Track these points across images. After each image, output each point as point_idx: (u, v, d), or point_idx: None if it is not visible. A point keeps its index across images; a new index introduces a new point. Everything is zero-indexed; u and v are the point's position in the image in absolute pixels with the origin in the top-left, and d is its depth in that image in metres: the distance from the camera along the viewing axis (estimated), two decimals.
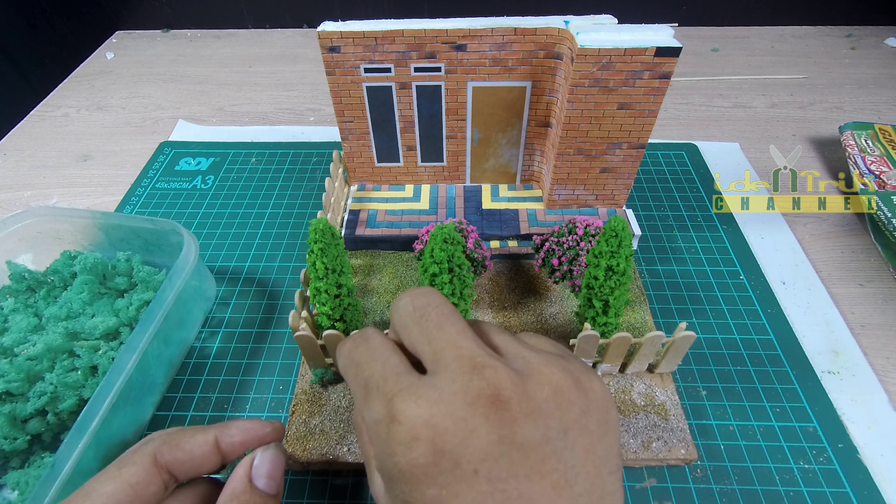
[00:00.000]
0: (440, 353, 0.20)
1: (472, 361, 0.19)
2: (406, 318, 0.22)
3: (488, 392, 0.18)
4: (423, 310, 0.21)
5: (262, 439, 0.25)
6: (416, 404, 0.18)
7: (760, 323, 0.42)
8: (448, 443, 0.17)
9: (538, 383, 0.19)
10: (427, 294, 0.22)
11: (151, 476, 0.22)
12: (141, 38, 0.87)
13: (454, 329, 0.20)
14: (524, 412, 0.17)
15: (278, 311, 0.44)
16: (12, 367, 0.34)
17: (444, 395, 0.18)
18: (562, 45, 0.39)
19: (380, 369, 0.20)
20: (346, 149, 0.48)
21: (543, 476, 0.17)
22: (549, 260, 0.40)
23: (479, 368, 0.18)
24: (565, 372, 0.19)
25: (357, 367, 0.21)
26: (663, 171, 0.57)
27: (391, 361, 0.21)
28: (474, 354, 0.19)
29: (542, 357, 0.20)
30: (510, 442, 0.17)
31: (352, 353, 0.22)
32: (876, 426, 0.36)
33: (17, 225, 0.42)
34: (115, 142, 0.64)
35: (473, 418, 0.17)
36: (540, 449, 0.17)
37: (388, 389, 0.19)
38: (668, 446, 0.34)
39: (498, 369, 0.18)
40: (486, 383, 0.18)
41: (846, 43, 0.80)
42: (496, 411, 0.17)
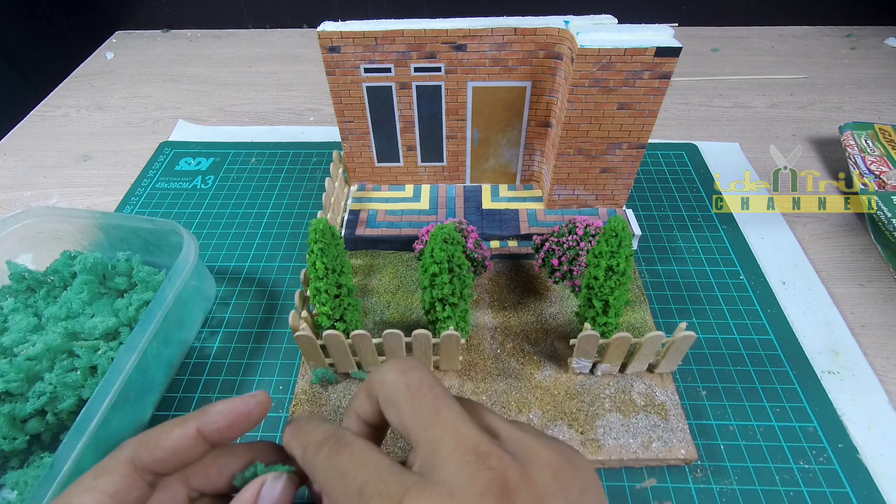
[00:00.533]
0: (439, 442, 0.19)
1: (475, 450, 0.18)
2: (397, 396, 0.21)
3: (497, 482, 0.17)
4: (416, 389, 0.21)
5: (248, 417, 0.23)
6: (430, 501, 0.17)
7: (760, 323, 0.42)
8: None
9: (539, 467, 0.19)
10: (417, 370, 0.22)
11: (131, 482, 0.21)
12: (141, 38, 0.87)
13: (451, 413, 0.20)
14: (532, 500, 0.18)
15: (278, 311, 0.44)
16: (12, 367, 0.34)
17: (454, 489, 0.17)
18: (562, 45, 0.39)
19: (373, 473, 0.19)
20: (346, 149, 0.48)
21: None
22: (549, 260, 0.40)
23: (483, 457, 0.18)
24: (559, 452, 0.20)
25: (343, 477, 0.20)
26: (663, 171, 0.57)
27: (383, 464, 0.19)
28: (476, 442, 0.19)
29: (535, 438, 0.20)
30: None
31: (332, 462, 0.20)
32: (876, 426, 0.36)
33: (17, 225, 0.42)
34: (115, 142, 0.64)
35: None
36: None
37: (393, 492, 0.18)
38: (668, 446, 0.34)
39: (503, 457, 0.18)
40: (493, 473, 0.18)
41: (846, 43, 0.80)
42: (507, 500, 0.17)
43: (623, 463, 0.34)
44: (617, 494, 0.33)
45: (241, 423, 0.23)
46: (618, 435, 0.34)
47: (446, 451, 0.19)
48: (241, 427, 0.24)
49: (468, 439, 0.19)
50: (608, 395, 0.36)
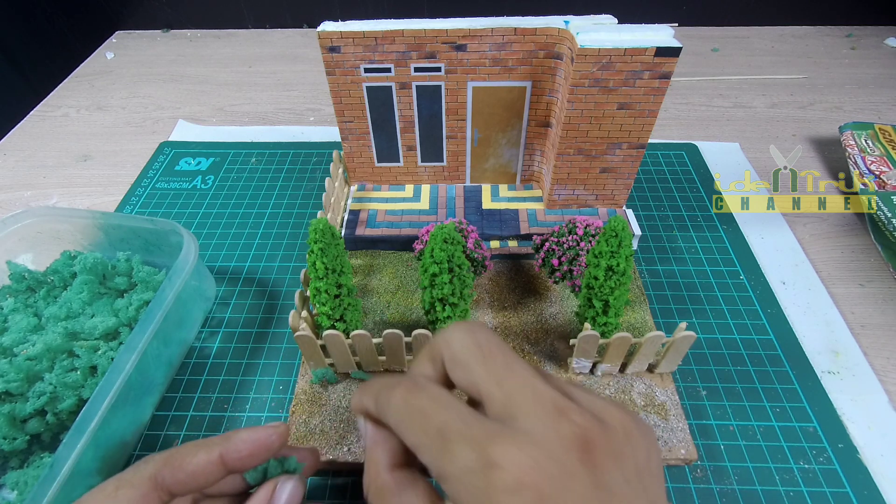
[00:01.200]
0: (514, 397, 0.19)
1: (554, 404, 0.18)
2: (466, 354, 0.21)
3: (581, 435, 0.18)
4: (486, 348, 0.21)
5: (269, 447, 0.24)
6: (517, 448, 0.17)
7: (760, 323, 0.42)
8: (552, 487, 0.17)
9: (615, 427, 0.19)
10: (486, 331, 0.22)
11: (149, 499, 0.22)
12: (141, 38, 0.87)
13: (525, 371, 0.20)
14: (609, 456, 0.18)
15: (278, 311, 0.44)
16: (12, 367, 0.34)
17: (539, 439, 0.17)
18: (562, 45, 0.39)
19: (455, 416, 0.19)
20: (346, 149, 0.48)
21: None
22: (549, 260, 0.40)
23: (564, 412, 0.18)
24: (628, 415, 0.20)
25: (423, 416, 0.19)
26: (663, 171, 0.57)
27: (463, 408, 0.19)
28: (555, 398, 0.19)
29: (604, 402, 0.20)
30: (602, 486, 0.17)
31: (411, 402, 0.20)
32: (876, 426, 0.36)
33: (17, 225, 0.42)
34: (115, 142, 0.64)
35: (571, 462, 0.17)
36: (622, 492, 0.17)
37: (477, 435, 0.18)
38: (668, 446, 0.34)
39: (584, 414, 0.18)
40: (576, 427, 0.18)
41: (846, 43, 0.80)
42: (588, 455, 0.17)
43: None
44: None
45: (261, 453, 0.24)
46: None
47: (526, 404, 0.19)
48: (260, 457, 0.24)
49: (546, 395, 0.19)
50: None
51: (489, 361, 0.20)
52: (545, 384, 0.19)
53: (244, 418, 0.37)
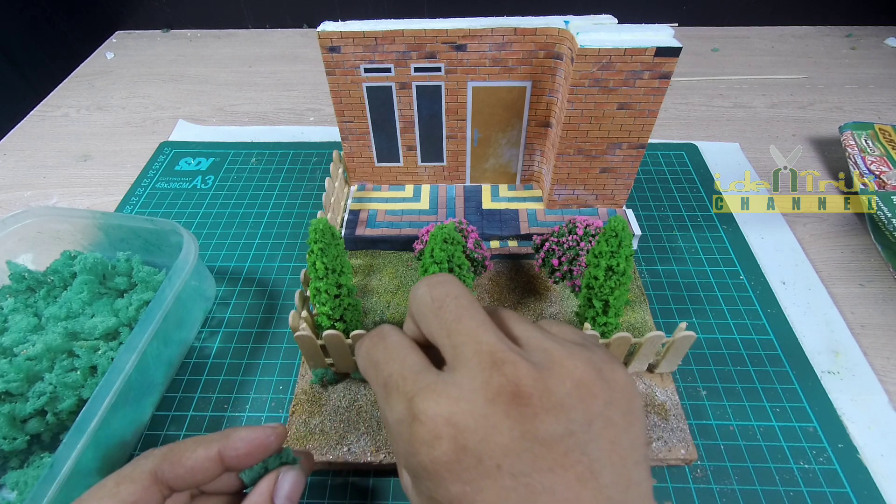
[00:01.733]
0: (459, 348, 0.19)
1: (491, 357, 0.18)
2: (423, 307, 0.21)
3: (508, 388, 0.18)
4: (441, 301, 0.21)
5: (267, 447, 0.24)
6: (436, 402, 0.18)
7: (760, 323, 0.42)
8: (470, 440, 0.17)
9: (560, 377, 0.18)
10: (445, 283, 0.22)
11: (150, 494, 0.22)
12: (141, 38, 0.87)
13: (473, 322, 0.20)
14: (545, 407, 0.17)
15: (278, 311, 0.44)
16: (12, 367, 0.34)
17: (465, 393, 0.18)
18: (562, 45, 0.39)
19: (398, 368, 0.20)
20: (346, 149, 0.48)
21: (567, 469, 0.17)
22: (549, 260, 0.40)
23: (498, 364, 0.18)
24: (588, 363, 0.19)
25: (376, 367, 0.21)
26: (663, 171, 0.57)
27: (409, 359, 0.20)
28: (494, 349, 0.19)
29: (564, 348, 0.20)
30: (532, 437, 0.17)
31: (369, 353, 0.22)
32: (876, 426, 0.36)
33: (17, 225, 0.42)
34: (115, 142, 0.64)
35: (494, 415, 0.17)
36: (563, 442, 0.17)
37: (407, 388, 0.19)
38: (668, 446, 0.34)
39: (518, 364, 0.18)
40: (506, 379, 0.18)
41: (846, 43, 0.80)
42: (517, 407, 0.17)
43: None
44: None
45: (259, 453, 0.24)
46: None
47: (466, 355, 0.19)
48: (258, 456, 0.24)
49: (486, 346, 0.19)
50: None
51: (441, 314, 0.21)
52: (491, 334, 0.19)
53: (244, 418, 0.37)
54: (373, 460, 0.33)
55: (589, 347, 0.21)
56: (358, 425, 0.35)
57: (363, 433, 0.35)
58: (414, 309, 0.22)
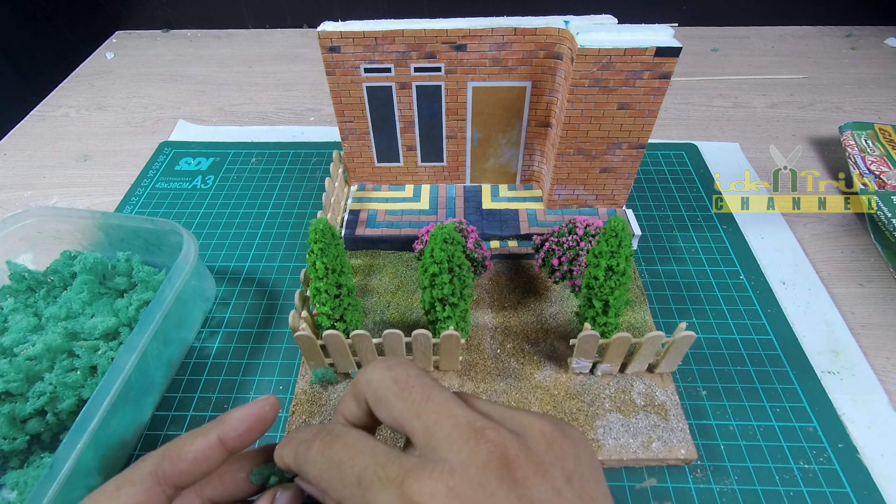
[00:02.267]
0: (433, 426, 0.19)
1: (471, 427, 0.18)
2: (384, 391, 0.21)
3: (497, 454, 0.18)
4: (404, 382, 0.21)
5: (264, 420, 0.24)
6: (431, 480, 0.17)
7: (760, 323, 0.42)
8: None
9: (534, 438, 0.19)
10: (402, 365, 0.22)
11: (153, 495, 0.22)
12: (141, 38, 0.87)
13: (442, 399, 0.20)
14: (533, 469, 0.18)
15: (278, 311, 0.44)
16: (12, 367, 0.34)
17: (455, 466, 0.17)
18: (562, 45, 0.39)
19: (371, 459, 0.19)
20: (346, 149, 0.48)
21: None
22: (549, 260, 0.40)
23: (479, 432, 0.18)
24: (551, 422, 0.20)
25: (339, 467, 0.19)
26: (663, 171, 0.57)
27: (379, 449, 0.19)
28: (471, 419, 0.19)
29: (525, 414, 0.20)
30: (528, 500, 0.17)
31: (326, 454, 0.20)
32: (876, 426, 0.36)
33: (17, 225, 0.42)
34: (115, 142, 0.64)
35: (489, 482, 0.17)
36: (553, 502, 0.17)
37: (393, 475, 0.18)
38: (668, 446, 0.34)
39: (499, 430, 0.18)
40: (492, 445, 0.18)
41: (846, 43, 0.80)
42: (508, 472, 0.17)
43: (623, 463, 0.34)
44: (617, 494, 0.33)
45: (258, 427, 0.24)
46: (618, 435, 0.34)
47: (443, 432, 0.19)
48: (258, 430, 0.24)
49: (462, 418, 0.19)
50: (608, 395, 0.36)
51: (406, 394, 0.20)
52: (462, 408, 0.19)
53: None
54: None
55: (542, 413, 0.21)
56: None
57: None
58: (370, 393, 0.21)
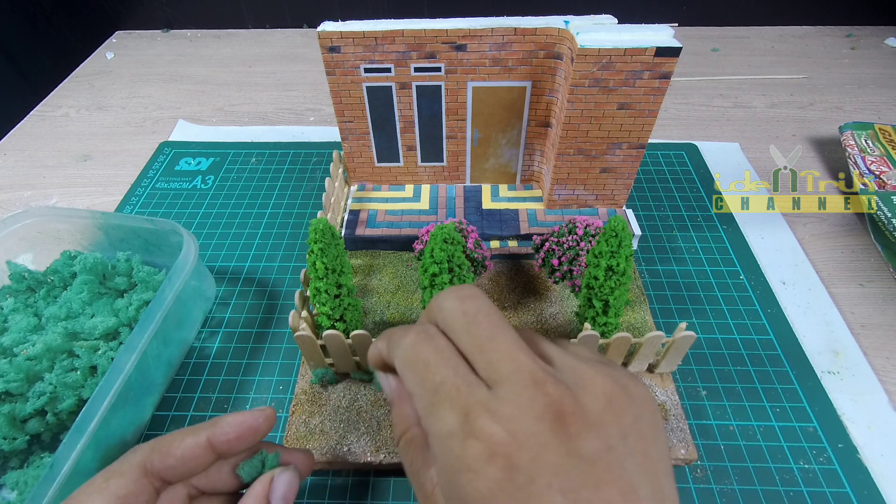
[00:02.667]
0: (496, 365, 0.19)
1: (532, 376, 0.19)
2: (454, 321, 0.21)
3: (553, 407, 0.18)
4: (472, 316, 0.21)
5: (256, 431, 0.24)
6: (492, 420, 0.18)
7: (760, 323, 0.42)
8: (523, 458, 0.17)
9: (594, 395, 0.19)
10: (475, 297, 0.22)
11: (141, 487, 0.22)
12: (141, 38, 0.87)
13: (507, 341, 0.20)
14: (586, 424, 0.18)
15: (278, 311, 0.44)
16: (12, 367, 0.34)
17: (514, 411, 0.18)
18: (562, 45, 0.39)
19: (452, 376, 0.19)
20: (346, 149, 0.48)
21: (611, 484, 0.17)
22: (549, 260, 0.40)
23: (540, 384, 0.18)
24: (614, 380, 0.20)
25: (426, 368, 0.20)
26: (663, 171, 0.57)
27: (461, 369, 0.20)
28: (533, 369, 0.19)
29: (590, 366, 0.20)
30: (578, 455, 0.17)
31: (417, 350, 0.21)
32: (876, 426, 0.36)
33: (17, 225, 0.42)
34: (115, 142, 0.64)
35: (543, 433, 0.17)
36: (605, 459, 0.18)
37: (462, 401, 0.19)
38: (668, 446, 0.34)
39: (558, 385, 0.19)
40: (549, 399, 0.18)
41: (846, 43, 0.80)
42: (562, 426, 0.18)
43: None
44: None
45: (248, 436, 0.24)
46: None
47: (505, 373, 0.19)
48: (248, 440, 0.24)
49: (525, 365, 0.19)
50: None
51: (473, 330, 0.21)
52: (526, 354, 0.19)
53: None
54: (373, 460, 0.33)
55: (609, 364, 0.21)
56: (358, 425, 0.35)
57: (363, 433, 0.35)
58: (440, 319, 0.22)
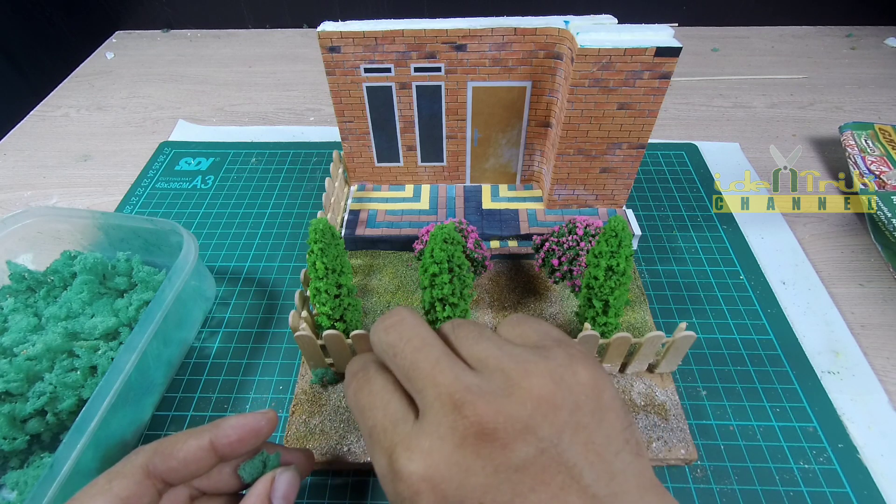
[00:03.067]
0: (422, 392, 0.20)
1: (451, 399, 0.19)
2: (383, 355, 0.22)
3: (473, 429, 0.18)
4: (394, 347, 0.21)
5: (258, 433, 0.25)
6: (410, 459, 0.18)
7: (760, 323, 0.42)
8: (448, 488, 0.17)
9: (520, 399, 0.18)
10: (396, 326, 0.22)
11: (144, 488, 0.22)
12: (141, 38, 0.87)
13: (428, 364, 0.20)
14: (513, 435, 0.18)
15: (278, 311, 0.44)
16: (12, 367, 0.34)
17: (434, 442, 0.18)
18: (562, 45, 0.39)
19: (381, 417, 0.20)
20: (346, 149, 0.48)
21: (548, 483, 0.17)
22: (549, 260, 0.40)
23: (458, 406, 0.18)
24: (546, 375, 0.19)
25: (362, 414, 0.21)
26: (663, 171, 0.57)
27: (391, 407, 0.21)
28: (452, 391, 0.19)
29: (520, 365, 0.20)
30: (506, 468, 0.17)
31: (357, 397, 0.22)
32: (876, 426, 0.36)
33: (17, 225, 0.42)
34: (115, 142, 0.64)
35: (465, 459, 0.18)
36: (538, 462, 0.17)
37: (387, 443, 0.19)
38: (668, 446, 0.34)
39: (476, 403, 0.18)
40: (468, 421, 0.18)
41: (846, 43, 0.80)
42: (485, 444, 0.18)
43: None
44: None
45: (250, 439, 0.24)
46: None
47: (428, 401, 0.19)
48: (250, 442, 0.25)
49: (444, 388, 0.19)
50: None
51: (398, 361, 0.21)
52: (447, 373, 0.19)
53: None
54: None
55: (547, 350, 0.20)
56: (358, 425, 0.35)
57: None
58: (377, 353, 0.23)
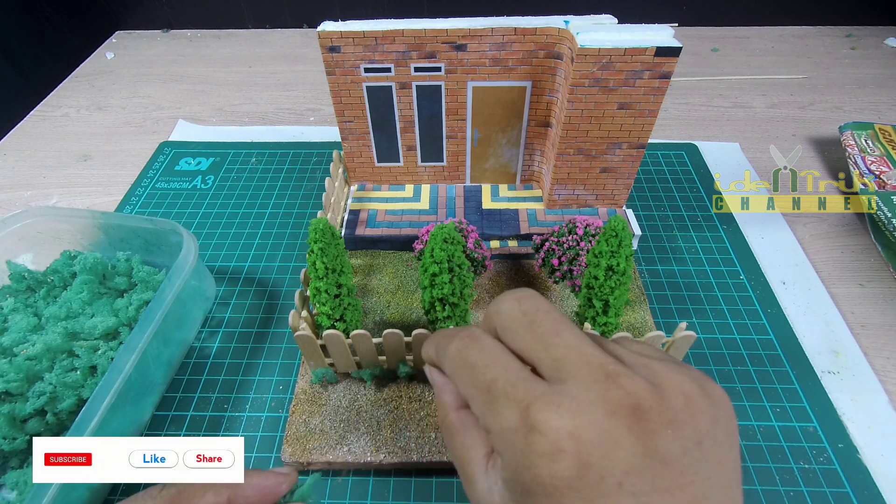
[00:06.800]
0: (562, 361, 0.18)
1: (603, 369, 0.18)
2: (513, 322, 0.21)
3: (629, 402, 0.17)
4: (532, 315, 0.20)
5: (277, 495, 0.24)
6: (557, 414, 0.17)
7: (760, 323, 0.42)
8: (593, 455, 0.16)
9: (672, 392, 0.18)
10: (533, 297, 0.21)
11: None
12: (141, 38, 0.87)
13: (572, 335, 0.19)
14: (664, 423, 0.17)
15: (278, 311, 0.44)
16: (12, 367, 0.34)
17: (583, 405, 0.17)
18: (562, 45, 0.39)
19: (504, 374, 0.19)
20: (346, 149, 0.48)
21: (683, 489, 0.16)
22: (549, 260, 0.40)
23: (612, 377, 0.17)
24: (692, 379, 0.18)
25: (473, 370, 0.20)
26: (663, 171, 0.57)
27: (512, 366, 0.19)
28: (603, 362, 0.18)
29: (665, 365, 0.19)
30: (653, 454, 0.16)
31: (463, 354, 0.21)
32: (876, 426, 0.36)
33: (17, 225, 0.42)
34: (115, 142, 0.64)
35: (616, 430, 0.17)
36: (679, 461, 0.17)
37: (520, 396, 0.18)
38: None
39: (634, 378, 0.17)
40: (624, 392, 0.17)
41: (846, 43, 0.80)
42: (638, 422, 0.17)
43: None
44: None
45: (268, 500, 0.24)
46: None
47: (573, 368, 0.18)
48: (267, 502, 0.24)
49: (594, 359, 0.18)
50: None
51: (535, 327, 0.20)
52: (594, 347, 0.19)
53: (244, 418, 0.37)
54: (373, 460, 0.33)
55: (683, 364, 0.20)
56: (358, 425, 0.35)
57: (363, 433, 0.35)
58: (499, 323, 0.21)
